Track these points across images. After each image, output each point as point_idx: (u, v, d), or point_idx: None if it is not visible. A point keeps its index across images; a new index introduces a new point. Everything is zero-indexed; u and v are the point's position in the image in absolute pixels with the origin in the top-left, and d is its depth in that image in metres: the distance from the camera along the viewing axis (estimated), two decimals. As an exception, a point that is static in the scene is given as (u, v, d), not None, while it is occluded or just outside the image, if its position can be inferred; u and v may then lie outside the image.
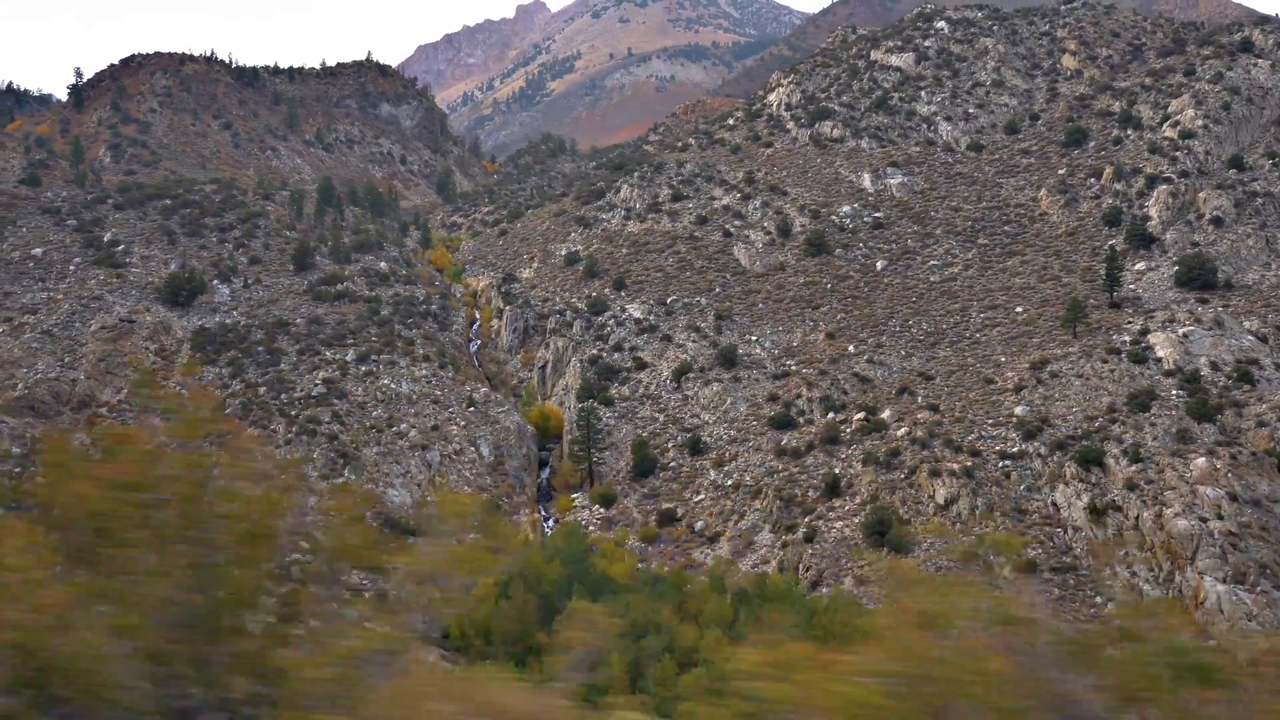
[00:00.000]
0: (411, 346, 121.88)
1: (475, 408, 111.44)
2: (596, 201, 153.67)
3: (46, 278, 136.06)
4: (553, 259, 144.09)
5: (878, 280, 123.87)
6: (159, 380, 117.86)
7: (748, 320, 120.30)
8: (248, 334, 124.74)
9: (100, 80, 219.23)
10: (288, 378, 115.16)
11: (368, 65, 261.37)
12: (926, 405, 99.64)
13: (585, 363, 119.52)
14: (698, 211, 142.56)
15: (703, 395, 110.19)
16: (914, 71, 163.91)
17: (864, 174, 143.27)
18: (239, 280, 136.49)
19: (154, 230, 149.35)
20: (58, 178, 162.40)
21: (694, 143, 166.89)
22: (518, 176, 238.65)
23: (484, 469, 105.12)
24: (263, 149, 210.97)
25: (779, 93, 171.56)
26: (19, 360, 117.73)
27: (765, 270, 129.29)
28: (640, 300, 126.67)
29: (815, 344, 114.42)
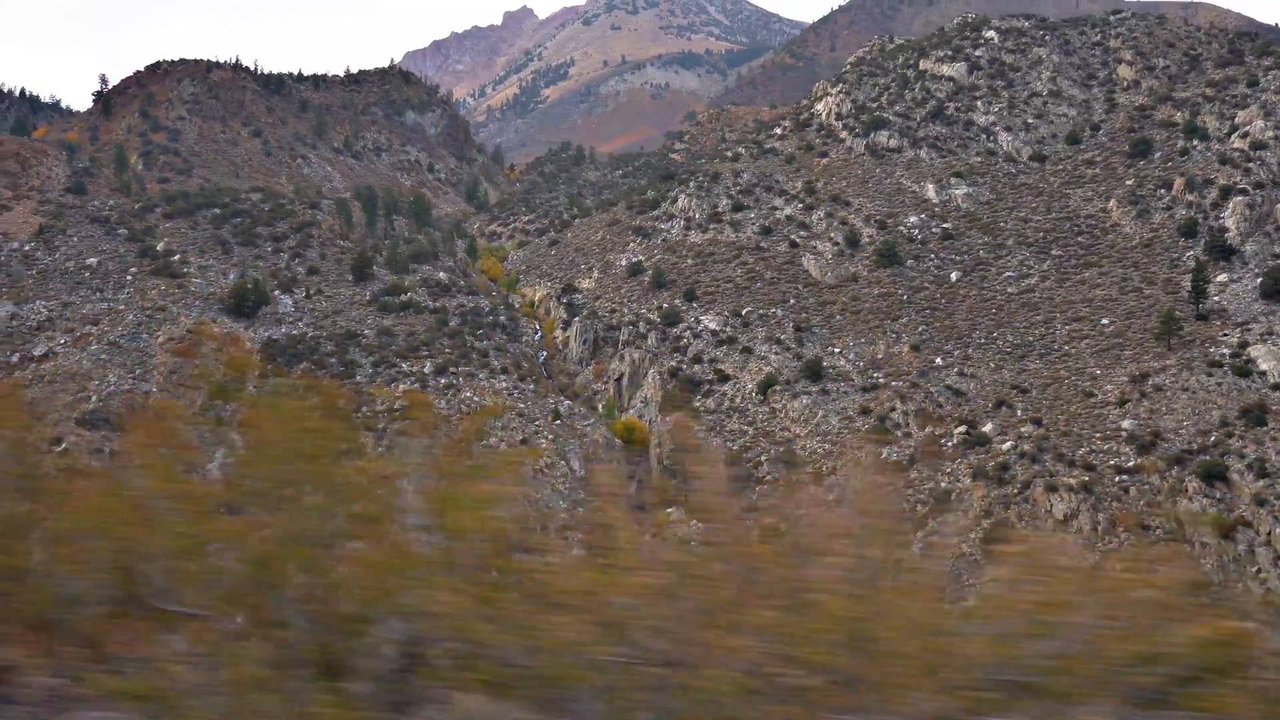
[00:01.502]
0: (486, 358, 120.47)
1: (561, 421, 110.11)
2: (652, 211, 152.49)
3: (104, 287, 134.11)
4: (614, 269, 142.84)
5: (954, 291, 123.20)
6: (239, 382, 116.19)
7: (827, 332, 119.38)
8: (318, 345, 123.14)
9: (126, 87, 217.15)
10: (366, 390, 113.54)
11: (391, 72, 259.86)
12: (1029, 419, 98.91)
13: (664, 375, 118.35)
14: (760, 222, 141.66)
15: (791, 408, 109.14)
16: (967, 81, 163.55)
17: (927, 184, 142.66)
18: (300, 291, 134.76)
19: (207, 240, 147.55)
20: (103, 186, 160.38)
21: (744, 152, 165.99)
22: (545, 185, 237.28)
23: (576, 483, 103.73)
24: (293, 157, 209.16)
25: (827, 102, 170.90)
26: (89, 373, 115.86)
27: (837, 281, 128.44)
28: (714, 312, 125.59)
29: (900, 356, 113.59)
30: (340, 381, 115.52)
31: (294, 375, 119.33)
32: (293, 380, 55.94)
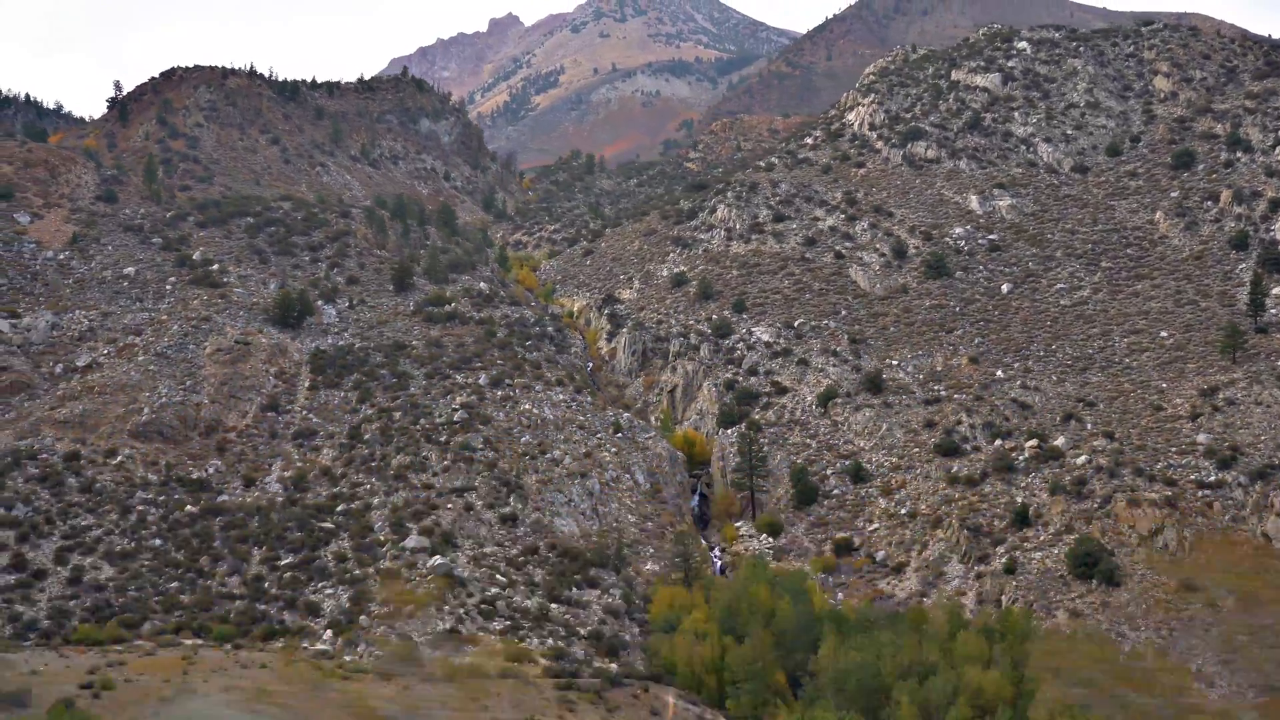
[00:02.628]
0: (539, 370, 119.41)
1: (622, 434, 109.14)
2: (689, 222, 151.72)
3: (144, 297, 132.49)
4: (655, 280, 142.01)
5: (1006, 304, 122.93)
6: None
7: (882, 344, 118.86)
8: (367, 357, 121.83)
9: (142, 94, 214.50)
10: (421, 402, 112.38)
11: (405, 81, 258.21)
12: (1100, 432, 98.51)
13: (720, 387, 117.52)
14: (803, 232, 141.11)
15: (854, 421, 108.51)
16: (1002, 92, 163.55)
17: (970, 195, 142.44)
18: (343, 301, 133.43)
19: (243, 249, 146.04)
20: (133, 194, 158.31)
21: (777, 162, 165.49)
22: (560, 194, 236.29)
23: (642, 497, 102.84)
24: (312, 165, 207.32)
25: (859, 112, 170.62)
26: (139, 384, 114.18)
27: (887, 293, 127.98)
28: (765, 323, 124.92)
29: (959, 368, 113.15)
30: (400, 393, 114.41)
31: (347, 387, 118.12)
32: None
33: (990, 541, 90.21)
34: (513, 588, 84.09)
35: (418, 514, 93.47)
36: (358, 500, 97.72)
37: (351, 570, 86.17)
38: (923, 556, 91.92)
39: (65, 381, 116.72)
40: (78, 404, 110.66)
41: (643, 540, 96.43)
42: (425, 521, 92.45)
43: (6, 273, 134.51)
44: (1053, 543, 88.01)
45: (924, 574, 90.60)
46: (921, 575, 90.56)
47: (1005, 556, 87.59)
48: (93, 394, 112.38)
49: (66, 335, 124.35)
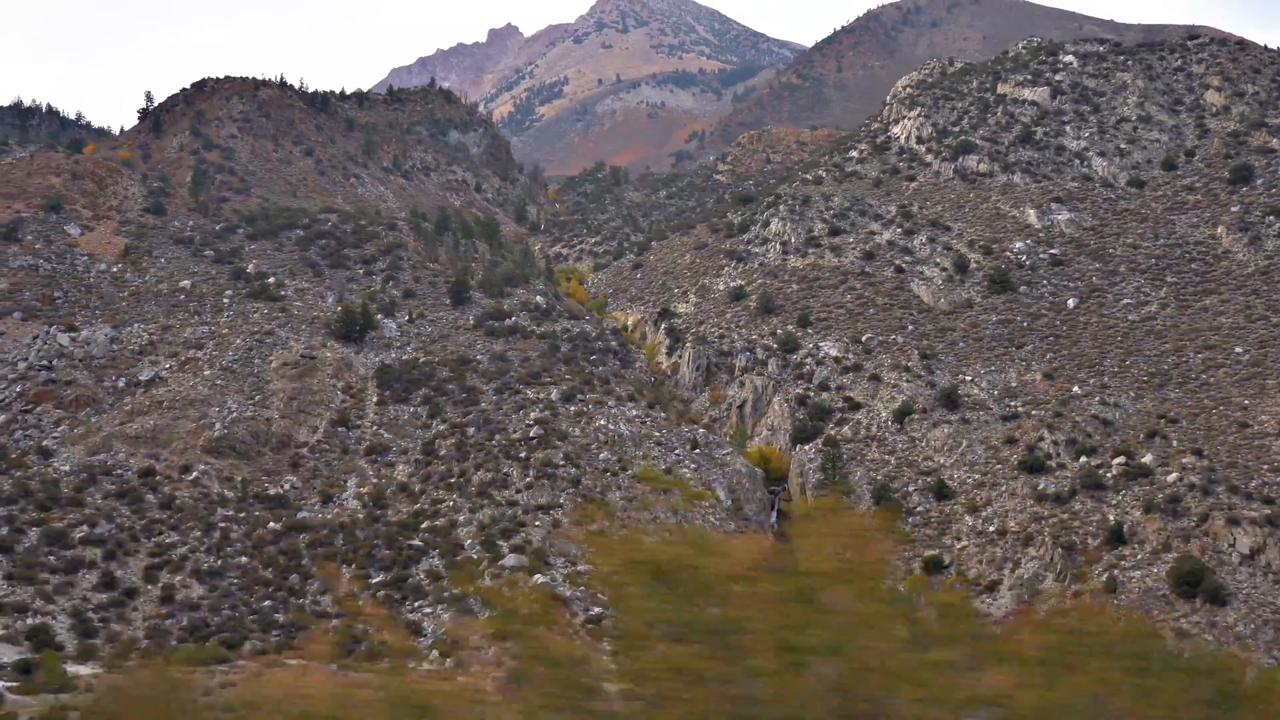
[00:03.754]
0: (608, 385, 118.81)
1: (699, 449, 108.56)
2: (742, 235, 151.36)
3: (202, 310, 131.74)
4: (712, 293, 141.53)
5: (1074, 319, 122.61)
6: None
7: (953, 359, 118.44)
8: (433, 371, 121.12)
9: (174, 104, 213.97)
10: (494, 418, 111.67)
11: (432, 92, 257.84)
12: (1188, 449, 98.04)
13: (791, 402, 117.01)
14: (860, 246, 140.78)
15: (932, 437, 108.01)
16: (1051, 106, 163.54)
17: (1027, 209, 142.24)
18: (402, 314, 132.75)
19: (295, 262, 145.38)
20: (180, 206, 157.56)
21: (826, 175, 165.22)
22: (591, 206, 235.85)
23: (725, 514, 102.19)
24: (346, 176, 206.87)
25: (905, 125, 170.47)
26: (207, 399, 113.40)
27: (951, 308, 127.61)
28: (832, 338, 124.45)
29: (1034, 384, 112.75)
30: (470, 408, 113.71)
31: (412, 400, 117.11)
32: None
33: (1085, 560, 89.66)
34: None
35: (506, 531, 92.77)
36: (441, 517, 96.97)
37: (449, 589, 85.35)
38: (1016, 574, 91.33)
39: (130, 396, 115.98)
40: (148, 419, 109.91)
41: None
42: (515, 539, 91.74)
43: (61, 285, 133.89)
44: (1151, 561, 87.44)
45: (1019, 592, 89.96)
46: (1016, 594, 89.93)
47: (1104, 575, 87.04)
48: (162, 409, 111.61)
49: (127, 349, 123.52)
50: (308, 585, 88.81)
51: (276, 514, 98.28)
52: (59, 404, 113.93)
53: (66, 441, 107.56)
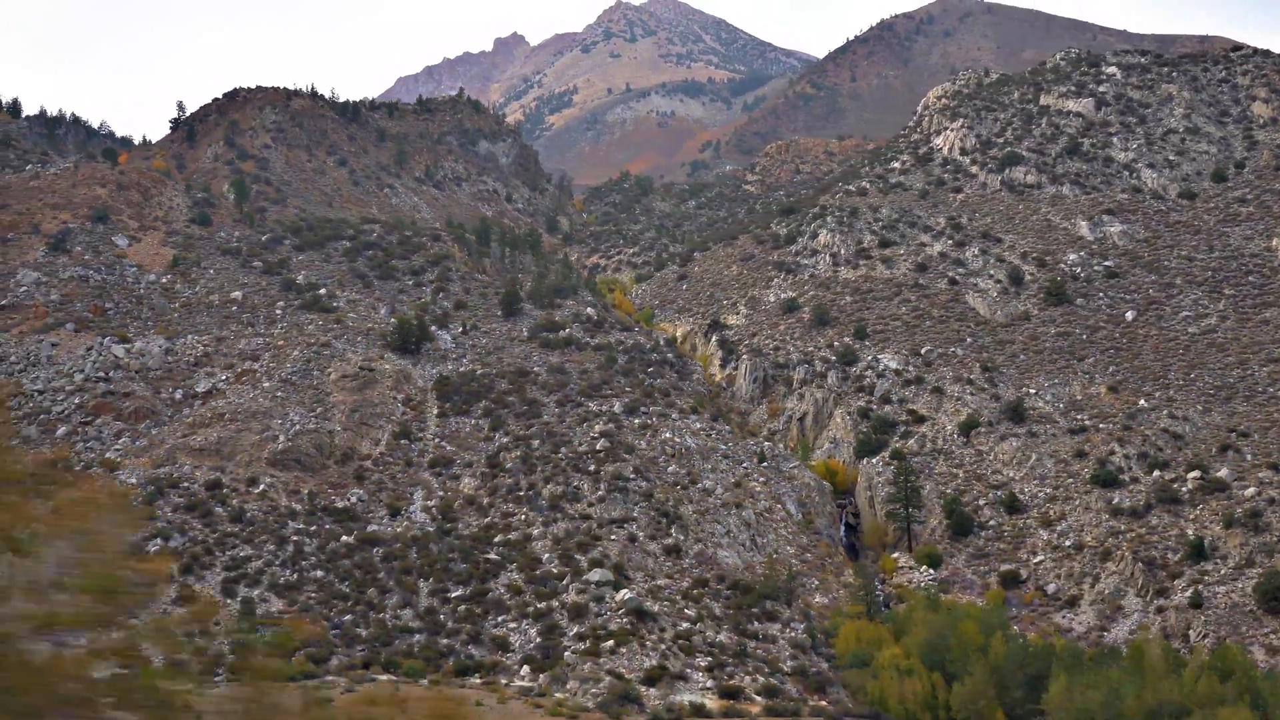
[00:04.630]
0: (668, 397, 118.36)
1: (767, 462, 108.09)
2: (789, 246, 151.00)
3: (255, 322, 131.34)
4: (763, 305, 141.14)
5: (1133, 331, 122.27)
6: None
7: (1015, 372, 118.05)
8: (492, 383, 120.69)
9: (207, 115, 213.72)
10: (557, 430, 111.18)
11: (461, 102, 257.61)
12: (1264, 463, 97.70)
13: (854, 415, 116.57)
14: (912, 258, 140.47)
15: (1000, 451, 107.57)
16: (1096, 117, 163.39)
17: (1079, 221, 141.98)
18: (456, 326, 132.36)
19: (344, 273, 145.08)
20: (225, 217, 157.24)
21: (870, 186, 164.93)
22: (620, 216, 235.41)
23: (796, 528, 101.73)
24: (380, 187, 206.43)
25: (948, 136, 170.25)
26: (268, 411, 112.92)
27: (1008, 320, 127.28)
28: (891, 350, 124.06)
29: (1099, 397, 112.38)
30: (532, 420, 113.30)
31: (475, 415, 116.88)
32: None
33: (1167, 575, 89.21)
34: (702, 621, 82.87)
35: (583, 546, 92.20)
36: (514, 531, 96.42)
37: (533, 604, 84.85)
38: (1096, 590, 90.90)
39: (188, 407, 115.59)
40: (211, 431, 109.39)
41: (805, 572, 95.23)
42: (592, 553, 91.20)
43: (112, 296, 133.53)
44: (1235, 576, 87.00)
45: (1100, 608, 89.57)
46: (1098, 609, 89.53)
47: (1189, 590, 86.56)
48: (224, 421, 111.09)
49: (182, 360, 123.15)
50: (386, 599, 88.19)
51: (346, 527, 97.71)
52: (118, 416, 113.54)
53: (130, 454, 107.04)
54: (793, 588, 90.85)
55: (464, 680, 76.96)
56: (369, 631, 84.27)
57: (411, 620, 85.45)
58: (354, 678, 77.89)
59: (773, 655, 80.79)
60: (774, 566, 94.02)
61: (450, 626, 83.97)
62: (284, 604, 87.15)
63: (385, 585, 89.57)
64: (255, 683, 14.62)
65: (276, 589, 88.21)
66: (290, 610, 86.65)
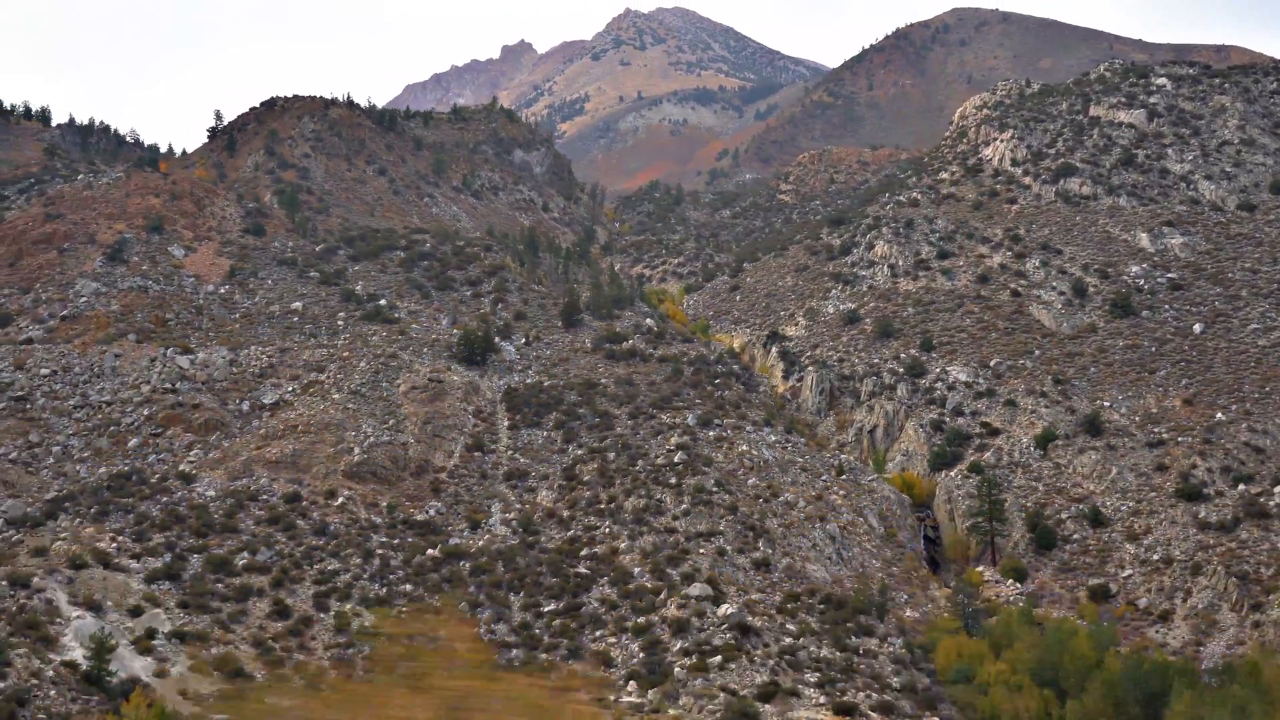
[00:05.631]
0: (739, 409, 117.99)
1: (845, 475, 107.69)
2: (844, 257, 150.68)
3: (317, 333, 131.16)
4: (822, 316, 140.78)
5: (1201, 344, 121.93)
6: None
7: (1087, 384, 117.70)
8: (561, 395, 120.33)
9: (245, 124, 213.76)
10: (632, 442, 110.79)
11: (495, 111, 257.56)
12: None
13: (926, 427, 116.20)
14: (972, 270, 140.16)
15: (1079, 464, 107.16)
16: (1149, 128, 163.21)
17: (1139, 233, 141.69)
18: (518, 337, 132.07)
19: (401, 283, 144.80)
20: (278, 227, 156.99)
21: (921, 197, 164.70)
22: (658, 226, 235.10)
23: (879, 541, 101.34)
24: (420, 196, 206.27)
25: (998, 147, 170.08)
26: (341, 423, 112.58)
27: (1075, 332, 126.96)
28: (959, 362, 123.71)
29: (1174, 410, 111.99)
30: (605, 432, 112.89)
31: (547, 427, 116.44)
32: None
33: (1261, 589, 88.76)
34: (805, 636, 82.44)
35: (673, 560, 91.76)
36: (600, 544, 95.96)
37: (630, 618, 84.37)
38: (1189, 604, 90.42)
39: (257, 419, 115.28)
40: (285, 443, 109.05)
41: (893, 586, 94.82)
42: (683, 567, 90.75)
43: (172, 307, 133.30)
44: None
45: (1194, 622, 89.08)
46: (1192, 624, 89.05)
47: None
48: (296, 433, 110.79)
49: (246, 372, 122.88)
50: (479, 614, 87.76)
51: (429, 540, 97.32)
52: (188, 427, 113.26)
53: (204, 466, 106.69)
54: (884, 602, 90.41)
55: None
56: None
57: (507, 635, 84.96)
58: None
59: (876, 670, 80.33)
60: (864, 580, 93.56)
61: (547, 641, 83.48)
62: (376, 618, 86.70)
63: (476, 599, 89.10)
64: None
65: (367, 603, 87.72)
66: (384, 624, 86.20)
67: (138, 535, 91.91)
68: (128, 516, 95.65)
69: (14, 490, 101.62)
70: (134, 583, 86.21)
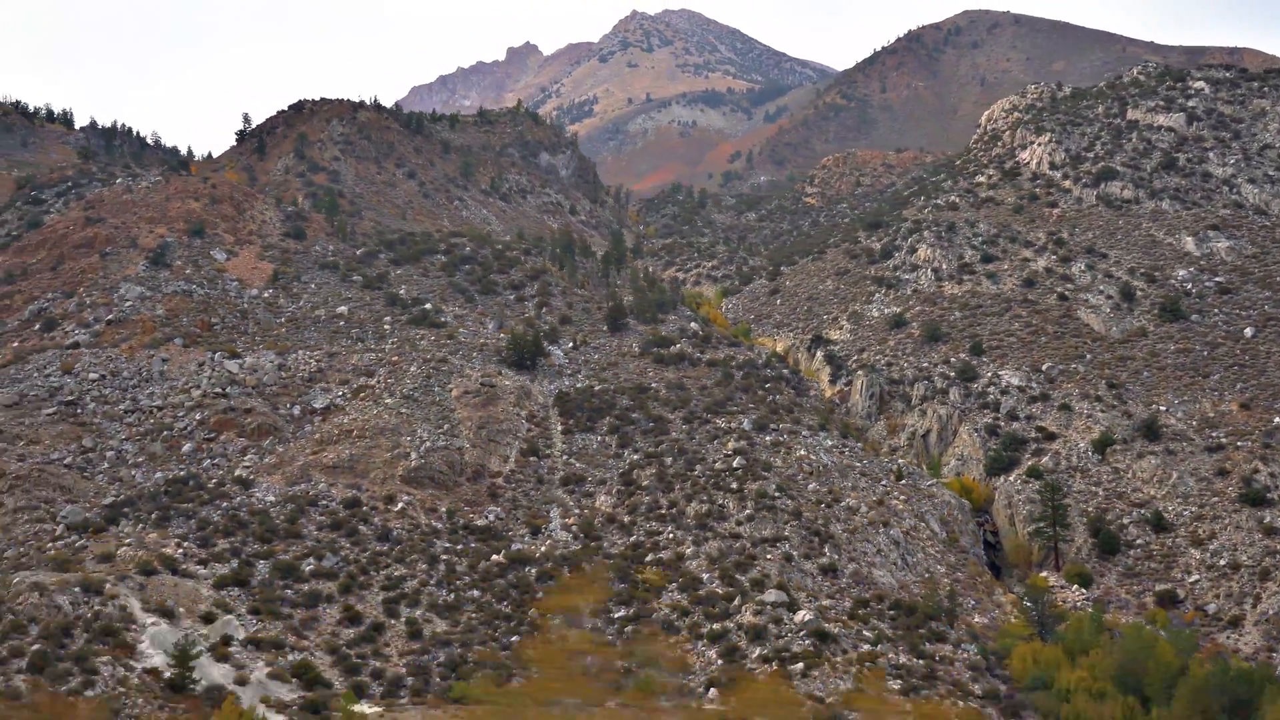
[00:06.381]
0: (792, 413, 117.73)
1: (905, 480, 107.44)
2: (885, 261, 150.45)
3: (364, 337, 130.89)
4: (866, 320, 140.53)
5: (1254, 347, 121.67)
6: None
7: (1140, 389, 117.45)
8: (613, 399, 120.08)
9: (274, 127, 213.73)
10: (688, 447, 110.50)
11: (520, 114, 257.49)
12: None
13: (981, 432, 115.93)
14: (1017, 273, 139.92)
15: (1138, 469, 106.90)
16: (1188, 132, 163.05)
17: (1183, 237, 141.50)
18: (566, 341, 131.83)
19: (444, 287, 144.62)
20: (318, 231, 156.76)
21: (960, 200, 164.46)
22: (684, 229, 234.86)
23: (942, 546, 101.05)
24: (450, 199, 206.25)
25: (1035, 150, 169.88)
26: (396, 428, 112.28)
27: (1124, 336, 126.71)
28: (1010, 366, 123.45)
29: (1231, 414, 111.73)
30: (660, 437, 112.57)
31: (600, 430, 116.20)
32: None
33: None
34: (882, 643, 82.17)
35: (740, 565, 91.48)
36: (664, 550, 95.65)
37: (704, 624, 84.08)
38: (1259, 610, 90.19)
39: (309, 423, 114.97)
40: (341, 448, 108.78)
41: (959, 592, 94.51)
42: (751, 573, 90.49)
43: (217, 311, 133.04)
44: None
45: (1266, 629, 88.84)
46: (1264, 630, 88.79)
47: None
48: (352, 438, 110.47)
49: (296, 376, 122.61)
50: (549, 620, 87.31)
51: (491, 545, 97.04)
52: (241, 432, 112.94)
53: (260, 471, 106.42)
54: (954, 608, 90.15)
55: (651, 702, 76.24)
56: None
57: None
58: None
59: (954, 677, 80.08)
60: (931, 586, 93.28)
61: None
62: (447, 625, 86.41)
63: (546, 606, 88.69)
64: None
65: (437, 609, 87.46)
66: (455, 631, 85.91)
67: (202, 541, 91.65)
68: (189, 522, 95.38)
69: (71, 495, 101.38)
70: (203, 589, 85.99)
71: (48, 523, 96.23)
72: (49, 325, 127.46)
